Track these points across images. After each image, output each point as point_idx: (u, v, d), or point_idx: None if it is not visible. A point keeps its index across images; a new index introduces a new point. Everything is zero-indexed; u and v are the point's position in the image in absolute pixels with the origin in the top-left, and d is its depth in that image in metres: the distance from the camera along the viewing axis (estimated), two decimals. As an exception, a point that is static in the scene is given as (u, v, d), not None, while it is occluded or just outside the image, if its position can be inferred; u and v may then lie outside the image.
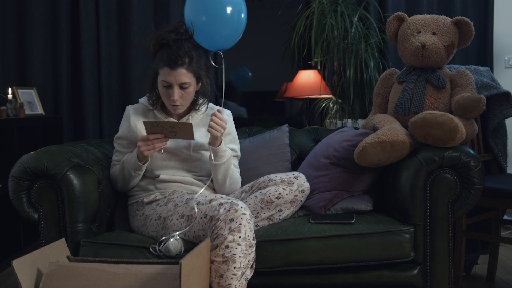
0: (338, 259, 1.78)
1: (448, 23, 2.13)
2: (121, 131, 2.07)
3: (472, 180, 1.81)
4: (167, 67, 1.89)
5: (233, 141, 2.12)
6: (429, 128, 1.82)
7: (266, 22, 4.91)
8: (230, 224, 1.64)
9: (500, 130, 2.46)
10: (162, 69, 1.91)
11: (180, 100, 1.94)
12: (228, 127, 2.09)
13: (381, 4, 3.40)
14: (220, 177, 1.99)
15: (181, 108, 1.97)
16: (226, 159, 1.96)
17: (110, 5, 3.30)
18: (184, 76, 1.90)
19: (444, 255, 1.84)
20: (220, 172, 1.98)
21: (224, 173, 1.99)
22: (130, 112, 2.05)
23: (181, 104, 1.95)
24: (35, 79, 3.29)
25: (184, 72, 1.89)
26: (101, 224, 1.95)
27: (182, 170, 2.02)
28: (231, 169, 2.01)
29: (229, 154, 1.98)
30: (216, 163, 1.96)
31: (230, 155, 1.99)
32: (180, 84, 1.91)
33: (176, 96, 1.92)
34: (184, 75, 1.90)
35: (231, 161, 2.00)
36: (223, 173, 1.98)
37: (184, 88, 1.93)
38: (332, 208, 1.99)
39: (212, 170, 1.99)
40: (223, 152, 1.96)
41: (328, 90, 3.42)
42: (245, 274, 1.65)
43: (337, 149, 2.08)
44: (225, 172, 1.99)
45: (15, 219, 2.81)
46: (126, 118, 2.06)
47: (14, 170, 1.83)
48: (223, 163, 1.96)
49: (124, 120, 2.07)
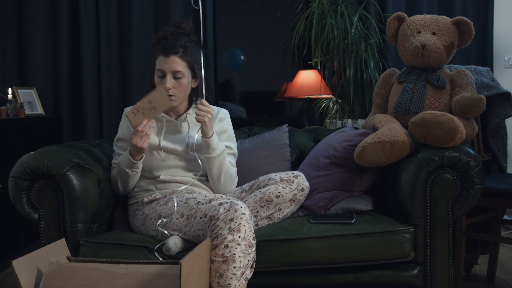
0: (338, 259, 1.77)
1: (448, 23, 2.13)
2: (120, 132, 2.08)
3: (472, 180, 1.81)
4: (161, 55, 1.94)
5: (230, 139, 2.13)
6: (429, 128, 1.82)
7: (266, 22, 4.91)
8: (230, 224, 1.64)
9: (500, 130, 2.46)
10: (157, 59, 1.96)
11: (174, 90, 1.95)
12: (224, 125, 2.11)
13: (381, 4, 3.40)
14: (215, 171, 2.00)
15: (174, 99, 1.97)
16: (219, 152, 1.98)
17: (110, 5, 3.30)
18: (177, 65, 1.92)
19: (444, 255, 1.84)
20: (215, 166, 1.99)
21: (219, 167, 1.99)
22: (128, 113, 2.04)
23: (174, 94, 1.95)
24: (35, 79, 3.29)
25: (177, 60, 1.93)
26: (101, 224, 1.95)
27: (181, 169, 2.02)
28: (226, 164, 2.01)
29: (222, 147, 2.00)
30: (209, 156, 1.97)
31: (223, 148, 2.00)
32: (173, 72, 1.93)
33: (169, 84, 1.93)
34: (177, 63, 1.93)
35: (225, 155, 2.01)
36: (218, 167, 1.99)
37: (178, 78, 1.94)
38: (332, 208, 1.99)
39: (207, 165, 2.00)
40: (216, 145, 1.97)
41: (328, 90, 3.42)
42: (245, 274, 1.65)
43: (337, 149, 2.08)
44: (220, 166, 1.99)
45: (15, 219, 2.81)
46: (124, 119, 2.07)
47: (14, 170, 1.83)
48: (216, 155, 1.97)
49: (123, 121, 2.09)
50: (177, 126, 2.06)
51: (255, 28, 5.19)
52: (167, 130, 2.04)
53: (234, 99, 5.17)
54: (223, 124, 2.11)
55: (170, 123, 2.05)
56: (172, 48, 1.92)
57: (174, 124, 2.06)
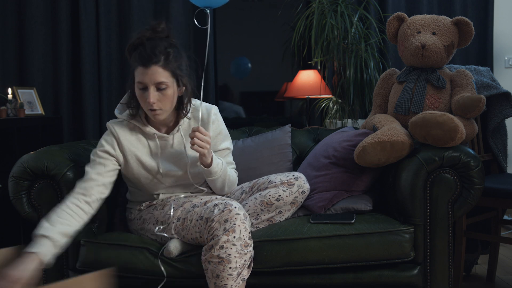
0: (338, 259, 1.78)
1: (448, 23, 2.13)
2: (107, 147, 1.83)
3: (472, 180, 1.81)
4: (140, 66, 1.71)
5: (225, 139, 1.99)
6: (429, 128, 1.82)
7: (266, 22, 4.91)
8: (225, 224, 1.63)
9: (500, 130, 2.46)
10: (136, 69, 1.73)
11: (158, 103, 1.74)
12: (217, 127, 1.95)
13: (381, 4, 3.40)
14: (219, 185, 1.92)
15: (160, 113, 1.77)
16: (220, 172, 1.86)
17: (110, 5, 3.30)
18: (159, 75, 1.71)
19: (444, 255, 1.84)
20: (218, 183, 1.90)
21: (222, 182, 1.91)
22: (116, 129, 1.86)
23: (159, 108, 1.76)
24: (35, 79, 3.28)
25: (159, 70, 1.71)
26: (101, 224, 1.95)
27: (181, 187, 1.95)
28: (228, 175, 1.93)
29: (222, 165, 1.87)
30: (212, 179, 1.87)
31: (223, 165, 1.87)
32: (155, 84, 1.71)
33: (153, 98, 1.72)
34: (159, 74, 1.71)
35: (226, 169, 1.90)
36: (221, 182, 1.91)
37: (161, 89, 1.73)
38: (332, 208, 1.99)
39: (209, 183, 1.92)
40: (216, 167, 1.84)
41: (328, 90, 3.42)
42: (242, 274, 1.65)
43: (337, 149, 2.08)
44: (223, 182, 1.91)
45: (15, 219, 2.81)
46: (111, 134, 1.86)
47: (14, 170, 1.83)
48: (219, 176, 1.87)
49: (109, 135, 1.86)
50: (169, 141, 1.89)
51: (255, 28, 5.19)
52: (162, 149, 1.88)
53: (231, 98, 5.16)
54: (216, 126, 1.94)
55: (162, 140, 1.88)
56: (151, 58, 1.69)
57: (167, 140, 1.89)
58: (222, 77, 5.05)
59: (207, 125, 1.91)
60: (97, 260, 1.79)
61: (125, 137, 1.86)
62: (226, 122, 2.03)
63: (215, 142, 1.95)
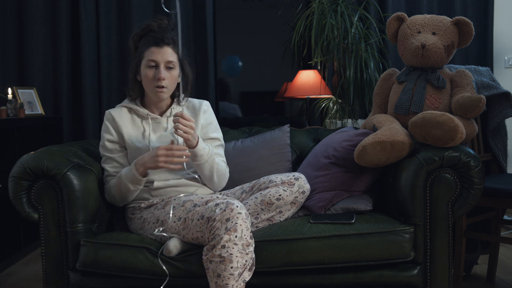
0: (338, 259, 1.77)
1: (448, 23, 2.13)
2: (108, 136, 1.99)
3: (472, 180, 1.81)
4: (153, 46, 1.91)
5: (216, 130, 2.09)
6: (429, 128, 1.82)
7: (266, 22, 4.91)
8: (226, 223, 1.64)
9: (500, 130, 2.46)
10: (148, 50, 1.92)
11: (166, 81, 1.92)
12: (208, 117, 2.08)
13: (381, 4, 3.40)
14: (207, 173, 1.98)
15: (165, 92, 1.94)
16: (207, 157, 1.94)
17: (110, 5, 3.30)
18: (170, 55, 1.92)
19: (444, 255, 1.84)
20: (206, 169, 1.96)
21: (210, 169, 1.97)
22: (113, 115, 2.00)
23: (166, 86, 1.93)
24: (35, 79, 3.29)
25: (170, 51, 1.92)
26: (101, 224, 1.95)
27: (172, 172, 1.98)
28: (216, 164, 1.99)
29: (208, 150, 1.95)
30: (198, 163, 1.94)
31: (209, 151, 1.95)
32: (166, 62, 1.91)
33: (163, 74, 1.90)
34: (170, 54, 1.92)
35: (213, 157, 1.97)
36: (209, 169, 1.97)
37: (170, 68, 1.92)
38: (332, 208, 1.99)
39: (197, 169, 1.98)
40: (203, 151, 1.92)
41: (328, 90, 3.42)
42: (243, 275, 1.65)
43: (337, 149, 2.08)
44: (211, 168, 1.97)
45: (15, 219, 2.81)
46: (109, 121, 2.00)
47: (14, 170, 1.83)
48: (205, 161, 1.94)
49: (108, 122, 2.00)
50: (163, 123, 2.01)
51: (255, 28, 5.19)
52: (154, 129, 2.00)
53: (228, 97, 5.15)
54: (207, 116, 2.07)
55: (155, 121, 2.01)
56: (164, 39, 1.91)
57: (159, 121, 2.01)
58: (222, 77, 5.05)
59: (198, 112, 2.05)
60: (97, 260, 1.79)
61: (120, 118, 2.00)
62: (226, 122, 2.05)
63: (206, 130, 2.06)
